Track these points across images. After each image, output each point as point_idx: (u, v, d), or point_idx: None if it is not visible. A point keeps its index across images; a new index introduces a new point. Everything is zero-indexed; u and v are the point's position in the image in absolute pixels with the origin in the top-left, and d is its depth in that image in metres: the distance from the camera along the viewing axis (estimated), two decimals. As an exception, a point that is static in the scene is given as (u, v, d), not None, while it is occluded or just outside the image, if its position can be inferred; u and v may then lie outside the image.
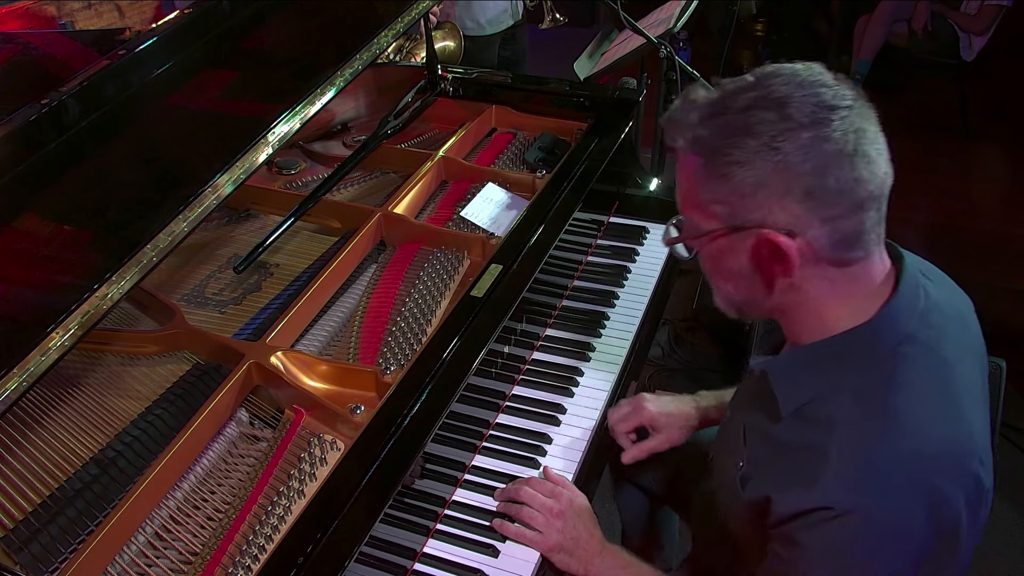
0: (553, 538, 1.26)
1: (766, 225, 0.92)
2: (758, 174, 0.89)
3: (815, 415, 0.98)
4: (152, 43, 1.39)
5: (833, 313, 0.98)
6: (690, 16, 2.60)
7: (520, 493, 1.32)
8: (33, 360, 1.05)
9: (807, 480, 0.95)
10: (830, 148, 0.88)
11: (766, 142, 0.88)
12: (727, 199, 0.93)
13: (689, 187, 0.97)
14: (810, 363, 1.00)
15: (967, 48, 4.13)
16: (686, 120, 0.95)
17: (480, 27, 3.35)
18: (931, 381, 0.96)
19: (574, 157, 1.81)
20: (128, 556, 1.13)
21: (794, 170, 0.88)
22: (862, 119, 0.90)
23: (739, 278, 0.99)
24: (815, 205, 0.89)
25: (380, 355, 1.41)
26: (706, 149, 0.93)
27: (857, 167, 0.89)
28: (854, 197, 0.89)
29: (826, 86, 0.91)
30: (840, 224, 0.91)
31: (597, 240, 1.93)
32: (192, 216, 1.28)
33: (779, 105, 0.89)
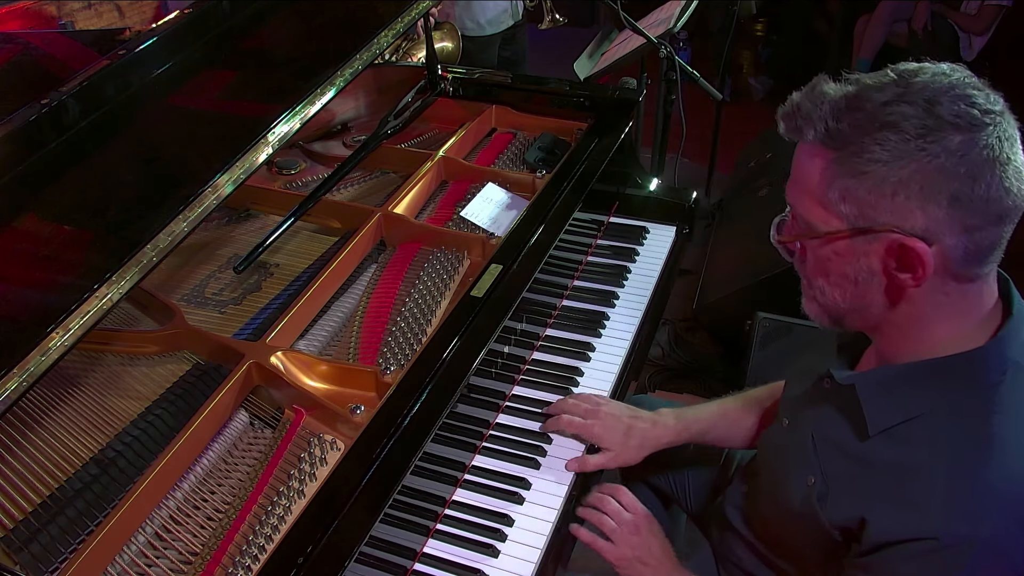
0: (624, 551, 1.29)
1: (902, 229, 0.86)
2: (903, 173, 0.84)
3: (909, 436, 0.94)
4: (152, 43, 1.39)
5: (940, 333, 0.93)
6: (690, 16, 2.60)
7: (605, 503, 1.34)
8: (33, 360, 1.05)
9: (908, 505, 0.92)
10: (983, 154, 0.83)
11: (914, 140, 0.83)
12: (861, 198, 0.87)
13: (815, 183, 0.90)
14: (908, 383, 0.95)
15: (967, 48, 4.13)
16: (817, 111, 0.88)
17: (480, 27, 3.35)
18: None
19: (574, 157, 1.81)
20: (128, 556, 1.13)
21: (944, 173, 0.83)
22: (1012, 127, 0.86)
23: (852, 285, 0.93)
24: (960, 212, 0.84)
25: (380, 355, 1.41)
26: (842, 143, 0.87)
27: (1008, 176, 0.84)
28: (999, 208, 0.85)
29: (978, 89, 0.86)
30: (979, 235, 0.86)
31: (597, 240, 1.93)
32: (192, 216, 1.28)
33: (928, 103, 0.84)
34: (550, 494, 1.37)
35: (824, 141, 0.89)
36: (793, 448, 1.11)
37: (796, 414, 1.16)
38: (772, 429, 1.26)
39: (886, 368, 0.99)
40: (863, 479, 0.98)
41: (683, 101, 2.62)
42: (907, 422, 0.95)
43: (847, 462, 1.01)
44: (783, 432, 1.18)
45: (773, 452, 1.22)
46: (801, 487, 1.06)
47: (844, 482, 1.01)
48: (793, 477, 1.08)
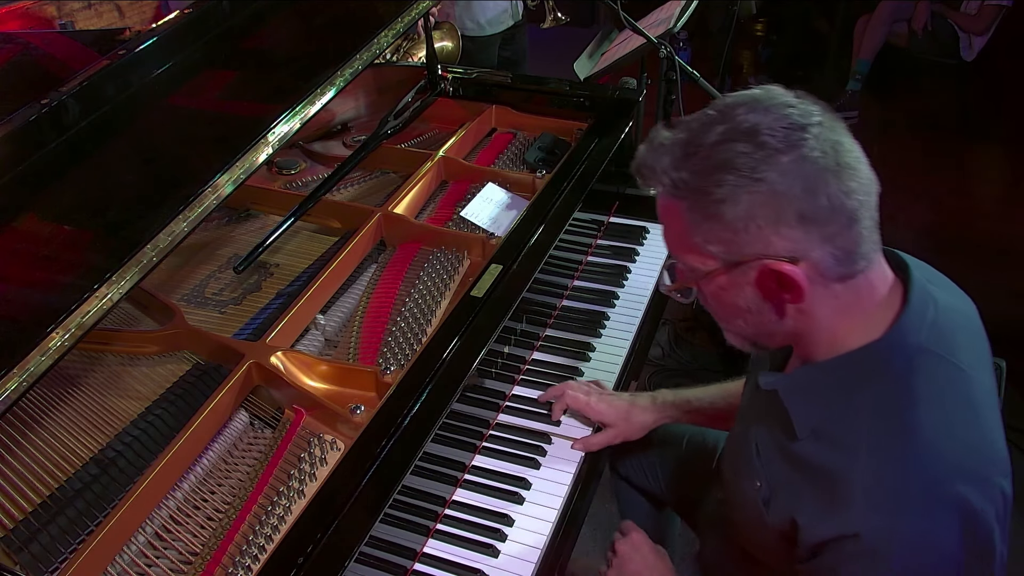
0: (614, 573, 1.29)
1: (767, 256, 0.90)
2: (747, 208, 0.88)
3: (833, 433, 0.96)
4: (152, 43, 1.39)
5: (844, 330, 0.96)
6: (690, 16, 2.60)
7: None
8: (33, 360, 1.05)
9: (833, 503, 0.93)
10: (812, 167, 0.86)
11: (747, 174, 0.87)
12: (722, 237, 0.91)
13: (680, 232, 0.95)
14: (823, 381, 0.98)
15: (967, 48, 4.13)
16: (659, 165, 0.93)
17: (480, 27, 3.35)
18: (949, 392, 0.94)
19: (574, 157, 1.81)
20: (128, 556, 1.13)
21: (783, 196, 0.87)
22: (834, 132, 0.89)
23: (747, 312, 0.97)
24: (812, 226, 0.88)
25: (380, 355, 1.41)
26: (688, 192, 0.91)
27: (843, 179, 0.87)
28: (847, 210, 0.88)
29: (791, 106, 0.89)
30: (840, 240, 0.89)
31: (597, 240, 1.93)
32: (192, 216, 1.28)
33: (750, 134, 0.88)
34: (550, 494, 1.37)
35: (673, 194, 0.93)
36: (742, 454, 1.13)
37: (743, 420, 1.19)
38: (729, 435, 1.28)
39: (803, 369, 1.02)
40: (796, 481, 1.00)
41: (683, 101, 2.61)
42: (829, 420, 0.97)
43: (783, 465, 1.03)
44: (735, 439, 1.21)
45: (729, 459, 1.24)
46: (751, 491, 1.08)
47: (782, 485, 1.03)
48: (743, 483, 1.11)
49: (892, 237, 0.99)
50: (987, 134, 4.35)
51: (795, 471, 1.01)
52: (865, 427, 0.93)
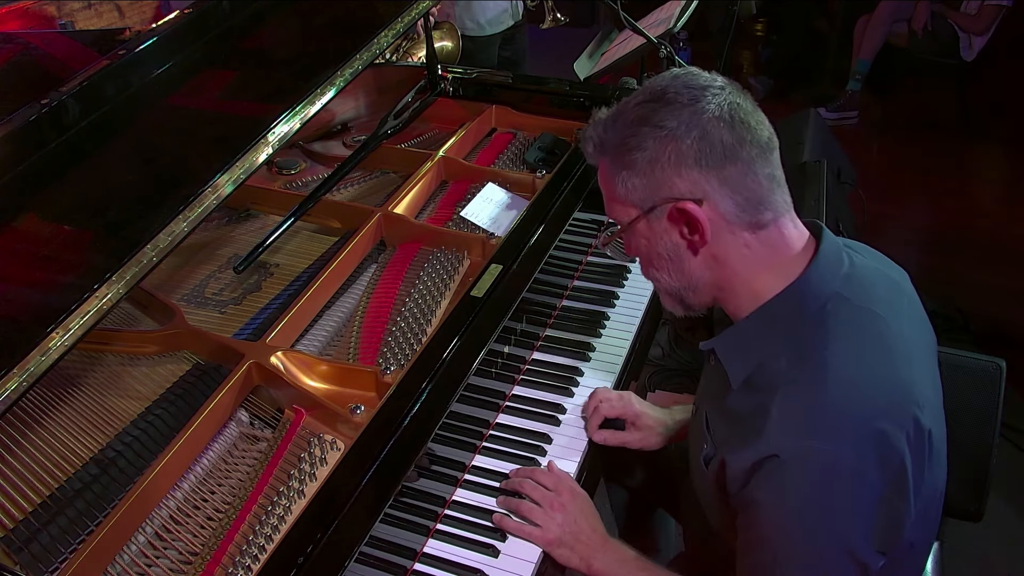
0: (553, 531, 1.27)
1: (673, 197, 1.01)
2: (653, 153, 1.00)
3: (760, 381, 1.04)
4: (152, 43, 1.39)
5: (761, 282, 1.05)
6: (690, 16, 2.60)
7: (522, 485, 1.33)
8: (33, 360, 1.05)
9: (754, 437, 0.99)
10: (708, 118, 0.98)
11: (655, 124, 1.00)
12: (636, 184, 1.03)
13: (606, 188, 1.08)
14: (750, 333, 1.07)
15: (967, 48, 4.14)
16: (592, 131, 1.07)
17: (480, 27, 3.35)
18: (861, 331, 1.01)
19: (574, 157, 1.81)
20: (128, 556, 1.13)
21: (681, 141, 0.99)
22: (735, 95, 1.01)
23: (669, 261, 1.07)
24: (708, 168, 0.99)
25: (380, 355, 1.41)
26: (610, 148, 1.05)
27: (737, 130, 0.99)
28: (740, 158, 0.99)
29: (698, 74, 1.04)
30: (737, 184, 0.99)
31: (597, 240, 1.93)
32: (192, 216, 1.28)
33: (660, 94, 1.02)
34: (550, 494, 1.37)
35: (601, 152, 1.07)
36: (695, 429, 1.22)
37: (698, 398, 1.28)
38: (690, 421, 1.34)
39: (735, 325, 1.10)
40: (729, 429, 1.08)
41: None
42: (757, 370, 1.05)
43: (722, 421, 1.11)
44: (692, 421, 1.29)
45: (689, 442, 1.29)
46: (697, 457, 1.16)
47: (721, 439, 1.11)
48: (697, 452, 1.17)
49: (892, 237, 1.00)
50: (987, 134, 4.35)
51: (729, 422, 1.09)
52: (784, 368, 1.01)
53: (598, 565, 1.25)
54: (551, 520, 1.27)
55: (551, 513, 1.28)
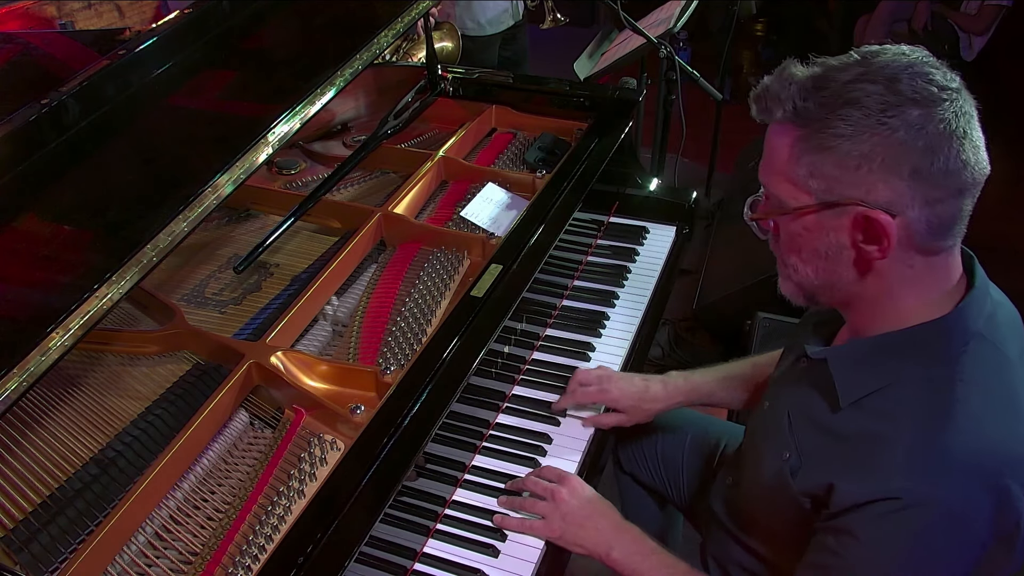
0: (556, 523, 1.25)
1: (866, 202, 0.90)
2: (865, 148, 0.88)
3: (878, 406, 0.97)
4: (152, 43, 1.39)
5: (907, 305, 0.97)
6: (690, 16, 2.60)
7: (524, 482, 1.32)
8: (33, 360, 1.05)
9: (873, 469, 0.93)
10: (941, 128, 0.87)
11: (875, 115, 0.87)
12: (827, 173, 0.91)
13: (784, 160, 0.94)
14: (877, 355, 0.99)
15: (967, 48, 4.14)
16: (785, 91, 0.93)
17: (480, 27, 3.35)
18: (996, 379, 0.95)
19: (574, 157, 1.81)
20: (128, 556, 1.13)
21: (904, 146, 0.87)
22: (968, 104, 0.90)
23: (822, 260, 0.97)
24: (920, 184, 0.88)
25: (380, 355, 1.41)
26: (809, 120, 0.91)
27: (965, 149, 0.88)
28: (959, 180, 0.89)
29: (935, 67, 0.90)
30: (940, 208, 0.89)
31: (597, 240, 1.93)
32: (192, 216, 1.28)
33: (889, 80, 0.88)
34: (550, 494, 1.37)
35: (792, 119, 0.93)
36: (771, 427, 1.14)
37: (776, 395, 1.19)
38: (755, 412, 1.27)
39: (856, 341, 1.03)
40: (833, 448, 1.01)
41: (683, 101, 2.62)
42: (875, 393, 0.98)
43: (819, 434, 1.03)
44: (763, 414, 1.21)
45: (753, 435, 1.25)
46: (776, 462, 1.08)
47: (816, 453, 1.04)
48: (769, 454, 1.11)
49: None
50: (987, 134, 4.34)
51: (833, 439, 1.01)
52: (912, 400, 0.94)
53: (616, 555, 1.22)
54: (554, 512, 1.26)
55: (554, 505, 1.27)
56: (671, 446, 1.64)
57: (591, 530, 1.25)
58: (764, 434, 1.17)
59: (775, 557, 1.20)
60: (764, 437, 1.16)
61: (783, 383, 1.18)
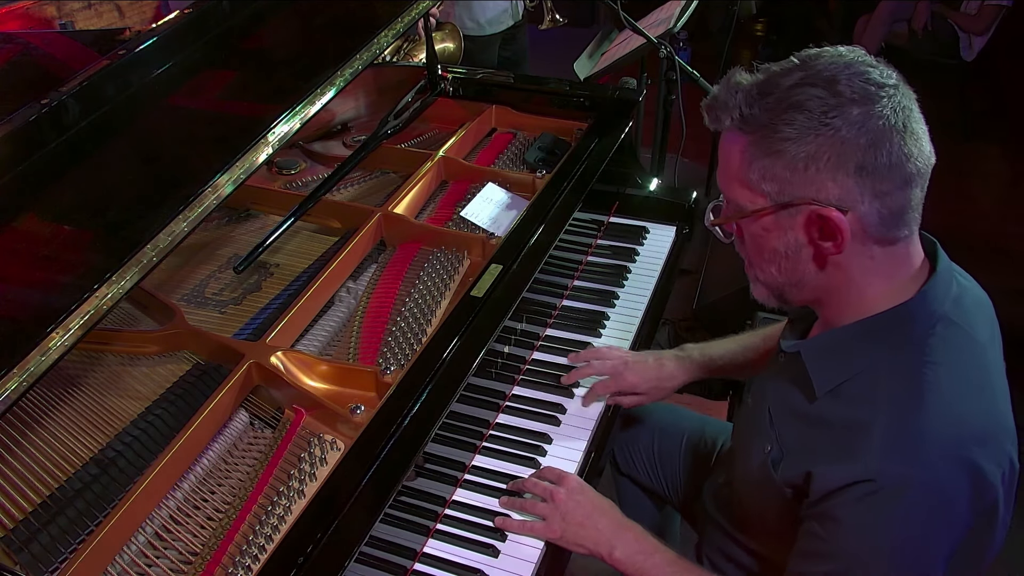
0: (557, 523, 1.25)
1: (818, 200, 0.93)
2: (811, 149, 0.91)
3: (852, 393, 0.99)
4: (152, 43, 1.39)
5: (873, 293, 0.99)
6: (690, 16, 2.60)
7: (523, 484, 1.32)
8: (33, 360, 1.05)
9: (850, 453, 0.95)
10: (881, 123, 0.90)
11: (818, 117, 0.90)
12: (778, 175, 0.94)
13: (737, 166, 0.98)
14: (847, 343, 1.02)
15: (967, 48, 4.14)
16: (732, 100, 0.96)
17: (480, 27, 3.35)
18: (966, 360, 0.98)
19: (574, 157, 1.81)
20: (128, 556, 1.13)
21: (848, 144, 0.90)
22: (907, 99, 0.93)
23: (783, 259, 1.00)
24: (867, 179, 0.91)
25: (380, 355, 1.41)
26: (756, 127, 0.94)
27: (907, 142, 0.91)
28: (903, 172, 0.91)
29: (872, 66, 0.94)
30: (889, 200, 0.92)
31: (597, 240, 1.93)
32: (192, 216, 1.28)
33: (828, 82, 0.91)
34: (550, 494, 1.37)
35: (740, 127, 0.96)
36: (754, 424, 1.17)
37: (757, 391, 1.22)
38: (740, 411, 1.31)
39: (827, 332, 1.05)
40: (812, 437, 1.03)
41: (683, 101, 2.61)
42: (849, 380, 1.00)
43: (798, 425, 1.06)
44: (747, 411, 1.24)
45: (739, 433, 1.27)
46: (760, 456, 1.11)
47: (796, 444, 1.06)
48: (753, 450, 1.13)
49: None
50: (987, 134, 4.35)
51: (810, 429, 1.03)
52: (884, 384, 0.97)
53: (619, 554, 1.22)
54: (554, 512, 1.26)
55: (554, 506, 1.26)
56: (667, 446, 1.64)
57: (591, 530, 1.25)
58: (748, 431, 1.20)
59: (768, 552, 1.21)
60: (748, 434, 1.19)
61: (764, 380, 1.21)
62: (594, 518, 1.26)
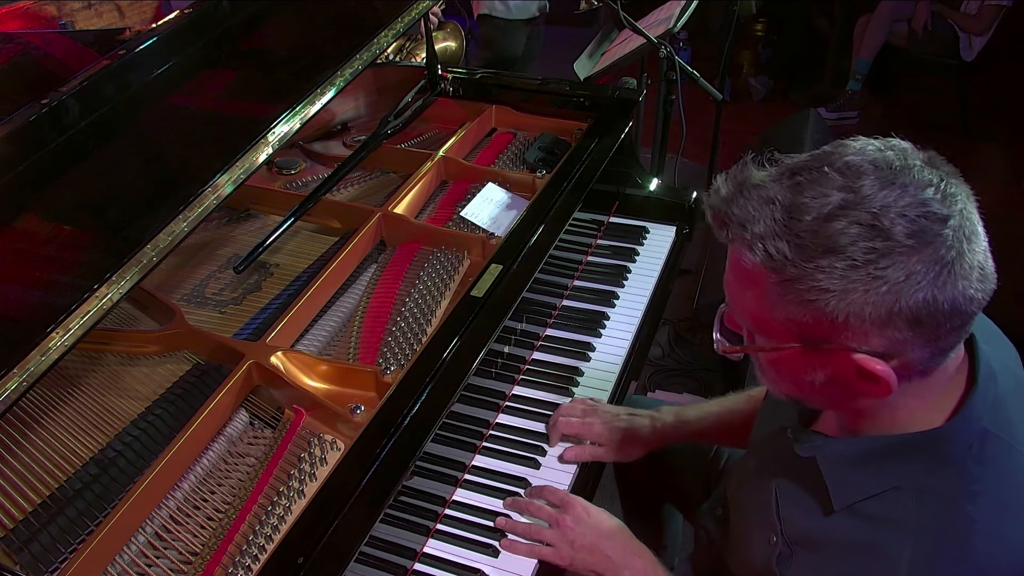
0: (566, 550, 1.23)
1: (859, 349, 0.79)
2: (855, 307, 0.76)
3: (875, 513, 0.88)
4: (152, 43, 1.39)
5: (906, 412, 0.87)
6: (690, 16, 2.60)
7: (527, 507, 1.30)
8: (33, 360, 1.05)
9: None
10: (943, 270, 0.74)
11: (863, 267, 0.74)
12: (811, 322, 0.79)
13: (755, 302, 0.82)
14: (872, 458, 0.89)
15: (967, 48, 4.14)
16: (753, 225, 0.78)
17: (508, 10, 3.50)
18: (1009, 480, 0.86)
19: (574, 157, 1.81)
20: (128, 556, 1.13)
21: (902, 300, 0.75)
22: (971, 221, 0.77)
23: (809, 387, 0.87)
24: (921, 330, 0.77)
25: (380, 355, 1.41)
26: (784, 265, 0.77)
27: (972, 282, 0.77)
28: (963, 315, 0.78)
29: (931, 186, 0.75)
30: (943, 343, 0.79)
31: (597, 240, 1.93)
32: (192, 216, 1.28)
33: (876, 217, 0.74)
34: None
35: (764, 263, 0.79)
36: (758, 501, 1.05)
37: (761, 461, 1.10)
38: (740, 467, 1.20)
39: (850, 442, 0.92)
40: (826, 553, 0.92)
41: (683, 101, 2.62)
42: (871, 498, 0.88)
43: (809, 533, 0.95)
44: (749, 477, 1.12)
45: (739, 499, 1.16)
46: (764, 546, 1.00)
47: (807, 550, 0.95)
48: (756, 533, 1.03)
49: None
50: (987, 134, 4.35)
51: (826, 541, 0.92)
52: (914, 510, 0.85)
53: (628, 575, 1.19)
54: (562, 540, 1.23)
55: (560, 533, 1.24)
56: (669, 446, 1.64)
57: (600, 556, 1.22)
58: (750, 507, 1.09)
59: None
60: (750, 510, 1.09)
61: (768, 449, 1.09)
62: (602, 545, 1.22)
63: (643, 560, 1.22)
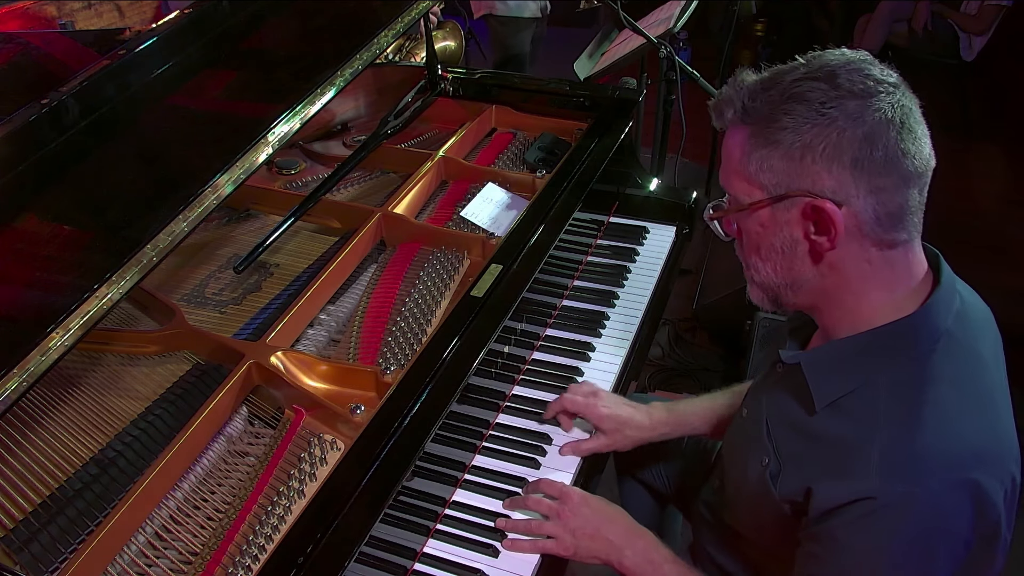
0: (568, 540, 1.24)
1: (813, 192, 0.93)
2: (807, 138, 0.92)
3: (852, 407, 0.98)
4: (152, 43, 1.39)
5: (872, 304, 0.98)
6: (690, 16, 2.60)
7: (526, 502, 1.31)
8: (33, 360, 1.05)
9: (849, 471, 0.94)
10: (878, 117, 0.90)
11: (816, 108, 0.91)
12: (775, 166, 0.95)
13: (737, 157, 0.99)
14: (848, 356, 1.00)
15: (967, 48, 4.14)
16: (736, 95, 0.98)
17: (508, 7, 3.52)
18: (969, 377, 0.97)
19: (574, 157, 1.81)
20: (128, 556, 1.13)
21: (843, 136, 0.90)
22: (907, 99, 0.93)
23: (779, 255, 1.00)
24: (862, 173, 0.91)
25: (380, 355, 1.41)
26: (756, 118, 0.96)
27: (904, 140, 0.91)
28: (900, 170, 0.91)
29: (874, 65, 0.95)
30: (885, 197, 0.92)
31: (597, 240, 1.93)
32: (192, 216, 1.28)
33: (829, 76, 0.92)
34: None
35: (742, 119, 0.98)
36: (750, 434, 1.15)
37: (753, 402, 1.20)
38: (733, 421, 1.28)
39: (827, 344, 1.04)
40: (811, 452, 1.02)
41: (683, 101, 2.62)
42: (849, 394, 0.99)
43: (797, 438, 1.05)
44: (742, 421, 1.22)
45: (733, 442, 1.25)
46: (756, 468, 1.09)
47: (794, 457, 1.05)
48: (749, 461, 1.12)
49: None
50: (987, 134, 4.35)
51: (810, 443, 1.02)
52: (884, 401, 0.95)
53: (629, 561, 1.21)
54: (563, 531, 1.25)
55: (561, 524, 1.25)
56: (669, 445, 1.64)
57: (602, 541, 1.24)
58: (743, 441, 1.17)
59: (757, 561, 1.20)
60: (743, 444, 1.17)
61: (761, 390, 1.19)
62: (603, 529, 1.25)
63: (644, 540, 1.24)
